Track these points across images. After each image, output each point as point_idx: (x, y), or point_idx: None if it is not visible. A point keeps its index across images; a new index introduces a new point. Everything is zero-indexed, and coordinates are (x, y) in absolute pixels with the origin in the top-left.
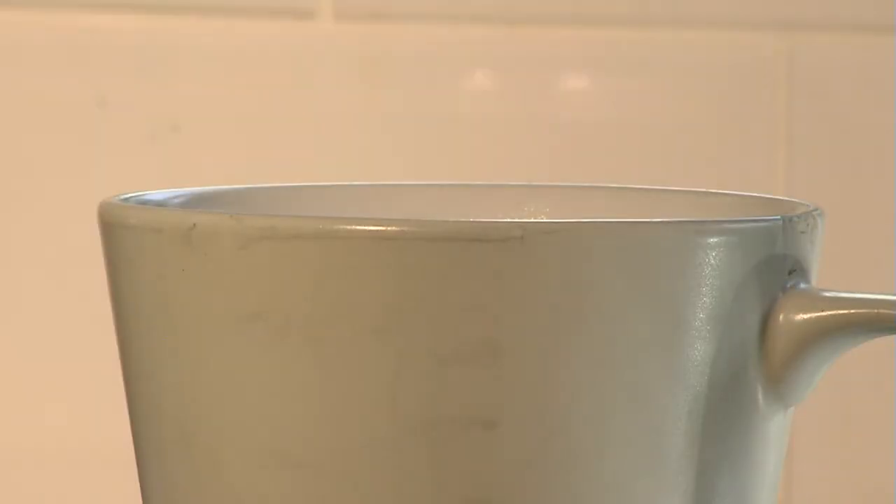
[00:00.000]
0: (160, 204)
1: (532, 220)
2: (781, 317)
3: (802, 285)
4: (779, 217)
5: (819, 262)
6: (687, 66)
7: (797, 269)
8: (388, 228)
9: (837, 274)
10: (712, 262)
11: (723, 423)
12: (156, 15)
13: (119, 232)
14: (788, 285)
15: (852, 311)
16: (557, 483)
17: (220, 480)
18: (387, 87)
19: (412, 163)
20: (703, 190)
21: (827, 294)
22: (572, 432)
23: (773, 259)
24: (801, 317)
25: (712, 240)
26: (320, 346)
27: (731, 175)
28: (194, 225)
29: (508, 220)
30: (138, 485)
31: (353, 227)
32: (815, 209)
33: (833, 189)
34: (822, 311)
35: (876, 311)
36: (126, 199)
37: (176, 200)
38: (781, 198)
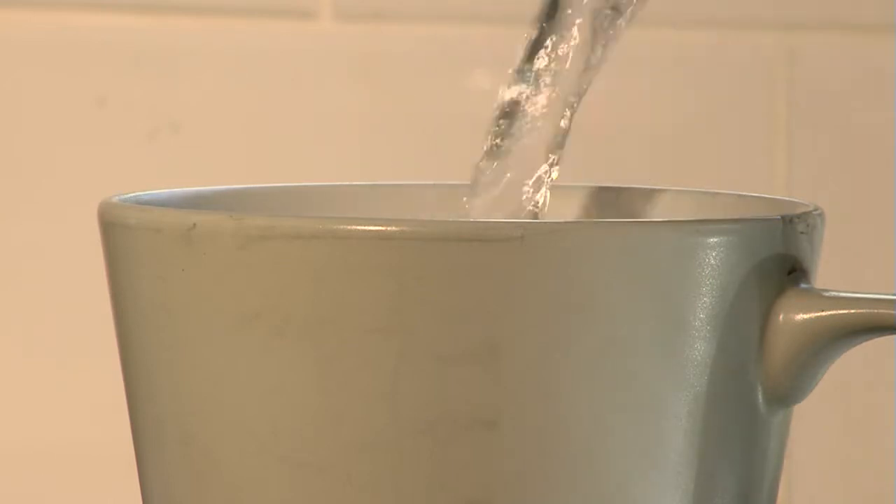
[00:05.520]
0: (160, 204)
1: (532, 220)
2: (781, 317)
3: (802, 285)
4: (779, 217)
5: (819, 262)
6: (687, 66)
7: (797, 269)
8: (388, 228)
9: (837, 274)
10: (712, 262)
11: (723, 423)
12: (156, 15)
13: (119, 232)
14: (788, 285)
15: (852, 311)
16: (558, 483)
17: (220, 480)
18: (387, 87)
19: (412, 163)
20: (703, 190)
21: (827, 294)
22: (572, 432)
23: (773, 259)
24: (801, 317)
25: (712, 240)
26: (320, 346)
27: (731, 175)
28: (194, 225)
29: (508, 220)
30: (138, 485)
31: (353, 227)
32: (815, 209)
33: (833, 189)
34: (822, 311)
35: (876, 311)
36: (126, 199)
37: (176, 200)
38: (781, 198)
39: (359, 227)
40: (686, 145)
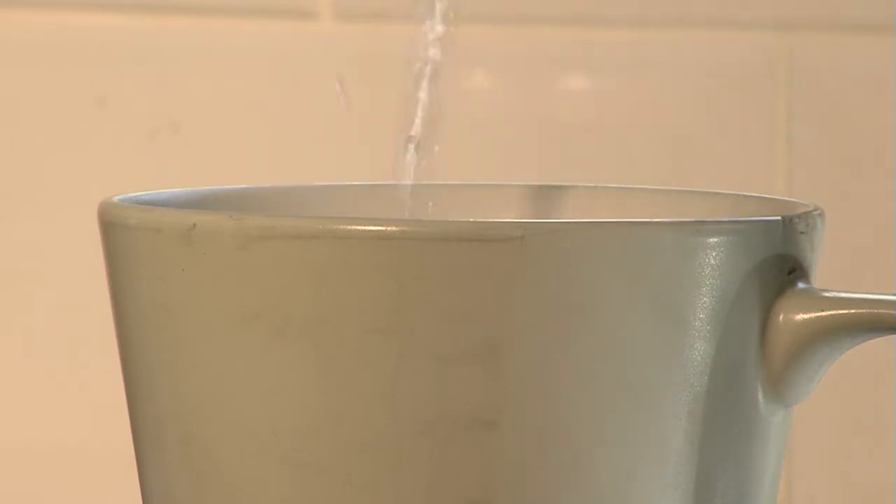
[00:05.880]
0: (160, 204)
1: (532, 220)
2: (781, 317)
3: (802, 285)
4: (779, 217)
5: (819, 262)
6: (687, 66)
7: (797, 269)
8: (388, 228)
9: (837, 274)
10: (712, 262)
11: (723, 423)
12: (156, 15)
13: (119, 232)
14: (788, 285)
15: (852, 311)
16: (557, 483)
17: (220, 480)
18: (387, 87)
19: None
20: (703, 190)
21: (827, 294)
22: (572, 432)
23: (773, 259)
24: (801, 317)
25: (712, 240)
26: (320, 346)
27: (731, 175)
28: (194, 225)
29: (508, 220)
30: (138, 485)
31: (353, 227)
32: (815, 209)
33: (833, 189)
34: (822, 311)
35: (876, 311)
36: (126, 199)
37: (176, 200)
38: (781, 198)
39: (359, 227)
40: (686, 145)
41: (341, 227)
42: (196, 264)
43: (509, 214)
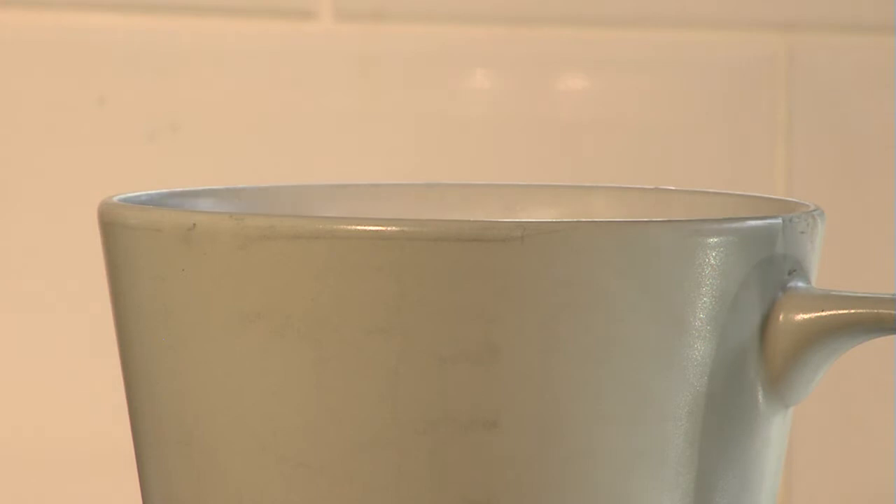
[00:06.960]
0: (160, 204)
1: (532, 220)
2: (781, 317)
3: (802, 285)
4: (779, 217)
5: (819, 262)
6: (687, 66)
7: (797, 269)
8: (388, 228)
9: (837, 274)
10: (712, 262)
11: (723, 423)
12: (156, 15)
13: (119, 232)
14: (788, 285)
15: (852, 311)
16: (557, 483)
17: (220, 480)
18: (387, 87)
19: (412, 163)
20: (703, 190)
21: (827, 294)
22: (572, 432)
23: (773, 259)
24: (801, 317)
25: (712, 240)
26: (320, 346)
27: (731, 175)
28: (194, 225)
29: (508, 220)
30: (138, 485)
31: (353, 227)
32: (815, 209)
33: (833, 189)
34: (822, 311)
35: (876, 311)
36: (126, 199)
37: (176, 200)
38: (781, 198)
39: (359, 227)
40: (686, 145)
41: (341, 227)
42: (196, 264)
43: (509, 214)
